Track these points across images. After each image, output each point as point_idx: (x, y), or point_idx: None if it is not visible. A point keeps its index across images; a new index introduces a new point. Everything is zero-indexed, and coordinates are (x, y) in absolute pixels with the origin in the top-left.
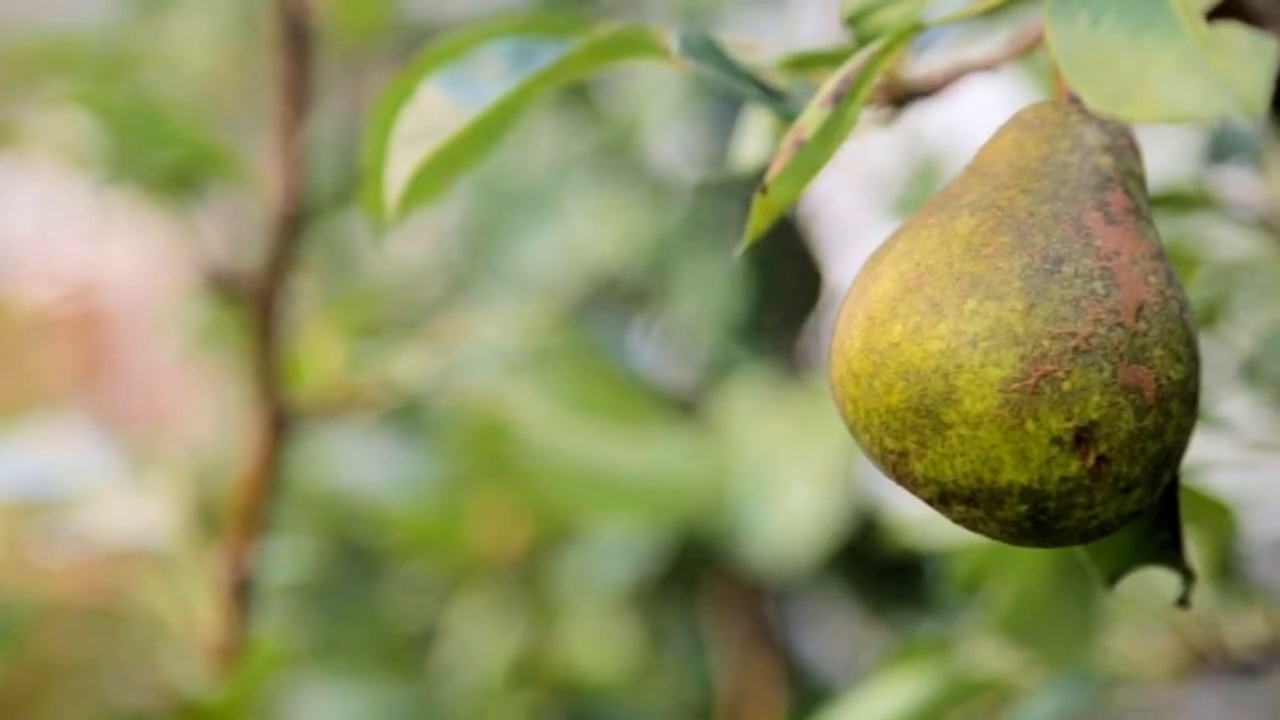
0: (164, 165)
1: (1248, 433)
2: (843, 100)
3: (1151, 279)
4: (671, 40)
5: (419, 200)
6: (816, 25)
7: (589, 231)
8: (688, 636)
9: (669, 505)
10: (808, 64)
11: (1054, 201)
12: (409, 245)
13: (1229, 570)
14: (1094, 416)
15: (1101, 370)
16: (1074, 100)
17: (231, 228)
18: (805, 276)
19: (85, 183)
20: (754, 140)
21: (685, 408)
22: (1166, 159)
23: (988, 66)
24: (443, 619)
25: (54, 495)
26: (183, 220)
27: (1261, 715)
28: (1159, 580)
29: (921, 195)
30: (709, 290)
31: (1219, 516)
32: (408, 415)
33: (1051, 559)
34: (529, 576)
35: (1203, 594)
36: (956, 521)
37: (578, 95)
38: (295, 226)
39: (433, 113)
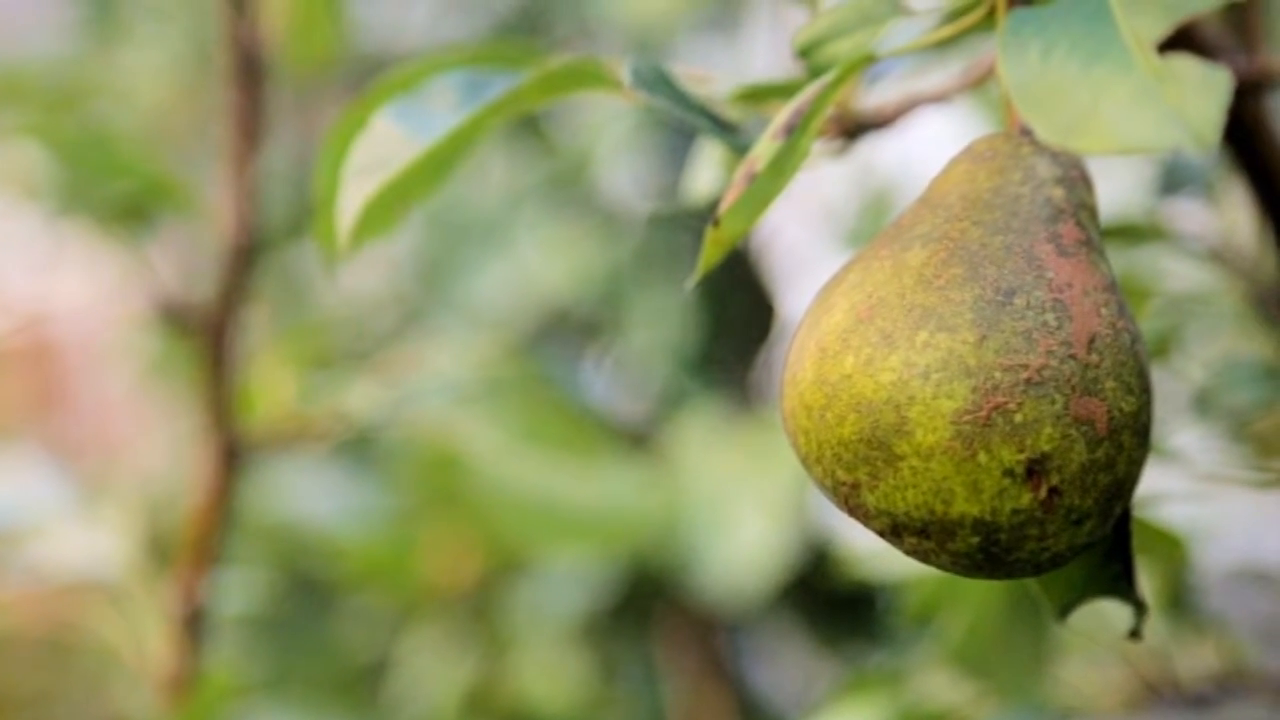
0: (116, 197)
1: (1200, 464)
2: (795, 132)
3: (1103, 311)
4: (623, 72)
5: (371, 232)
6: (769, 57)
7: (541, 263)
8: (640, 668)
9: (621, 537)
10: (760, 96)
11: (1006, 233)
12: (361, 277)
13: (1181, 602)
14: (1046, 448)
15: (1053, 402)
16: (1026, 132)
17: (183, 259)
18: (757, 308)
19: (36, 214)
20: (706, 172)
21: (637, 439)
22: (1118, 190)
23: (940, 98)
24: (395, 650)
25: (5, 526)
26: (134, 252)
27: None
28: (1111, 612)
29: (873, 227)
30: (661, 322)
31: (1171, 548)
32: (360, 447)
33: (1003, 591)
34: (481, 608)
35: (1154, 626)
36: (908, 553)
37: (529, 127)
38: (247, 258)
39: (384, 144)
